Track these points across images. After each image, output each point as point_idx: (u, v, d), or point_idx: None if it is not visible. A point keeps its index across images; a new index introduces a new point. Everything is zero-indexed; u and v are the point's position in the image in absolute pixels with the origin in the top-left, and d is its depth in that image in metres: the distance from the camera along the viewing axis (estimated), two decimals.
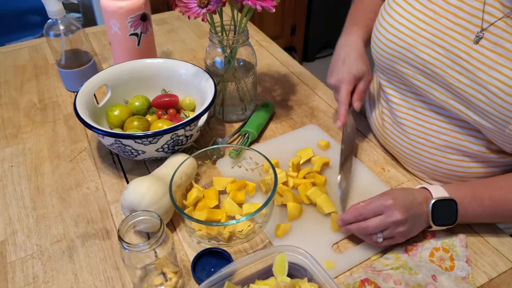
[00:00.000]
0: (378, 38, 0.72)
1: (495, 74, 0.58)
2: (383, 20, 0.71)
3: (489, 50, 0.59)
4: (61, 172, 0.79)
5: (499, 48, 0.58)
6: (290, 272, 0.56)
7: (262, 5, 0.69)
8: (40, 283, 0.61)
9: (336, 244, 0.65)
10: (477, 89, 0.61)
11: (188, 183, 0.71)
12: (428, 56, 0.65)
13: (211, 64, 0.85)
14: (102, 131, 0.69)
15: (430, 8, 0.65)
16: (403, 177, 0.77)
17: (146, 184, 0.64)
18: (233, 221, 0.60)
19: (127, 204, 0.64)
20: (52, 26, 0.90)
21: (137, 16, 0.90)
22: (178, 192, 0.67)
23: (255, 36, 1.22)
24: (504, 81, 0.57)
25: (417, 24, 0.66)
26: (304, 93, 0.99)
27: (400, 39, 0.68)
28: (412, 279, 0.60)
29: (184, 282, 0.61)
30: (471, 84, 0.61)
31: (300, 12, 2.56)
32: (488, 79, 0.59)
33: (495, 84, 0.58)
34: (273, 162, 0.76)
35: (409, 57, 0.68)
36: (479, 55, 0.60)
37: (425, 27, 0.65)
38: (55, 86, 1.02)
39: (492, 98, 0.59)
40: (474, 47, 0.60)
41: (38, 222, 0.70)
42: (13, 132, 0.88)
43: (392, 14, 0.69)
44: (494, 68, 0.58)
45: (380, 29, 0.71)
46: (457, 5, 0.62)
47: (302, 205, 0.71)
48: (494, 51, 0.58)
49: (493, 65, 0.58)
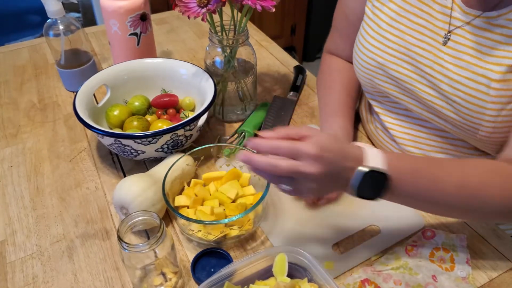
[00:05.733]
0: (355, 59, 0.75)
1: (458, 86, 0.61)
2: (358, 42, 0.74)
3: (456, 50, 0.62)
4: (61, 172, 0.79)
5: (462, 54, 0.61)
6: (290, 273, 0.56)
7: (262, 5, 0.69)
8: (39, 283, 0.61)
9: (336, 244, 0.65)
10: (444, 100, 0.63)
11: (185, 182, 0.71)
12: (398, 73, 0.68)
13: (211, 64, 0.85)
14: (101, 131, 0.69)
15: (395, 27, 0.68)
16: None
17: (139, 184, 0.65)
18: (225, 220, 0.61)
19: (117, 202, 0.65)
20: (52, 26, 0.90)
21: (137, 16, 0.90)
22: (174, 191, 0.68)
23: (255, 36, 1.22)
24: (466, 91, 0.60)
25: (385, 43, 0.69)
26: (304, 93, 0.99)
27: (372, 59, 0.71)
28: (412, 279, 0.60)
29: (184, 282, 0.61)
30: (438, 96, 0.64)
31: (300, 12, 2.56)
32: (452, 91, 0.62)
33: (459, 96, 0.61)
34: None
35: (383, 74, 0.71)
36: (444, 62, 0.62)
37: (392, 45, 0.68)
38: (55, 86, 1.02)
39: (458, 108, 0.62)
40: (443, 49, 0.63)
41: (38, 222, 0.70)
42: (12, 132, 0.88)
43: (364, 35, 0.72)
44: (457, 81, 0.61)
45: (356, 50, 0.75)
46: (423, 17, 0.65)
47: (304, 205, 0.71)
48: (459, 52, 0.61)
49: (456, 70, 0.61)
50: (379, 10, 0.69)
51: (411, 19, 0.66)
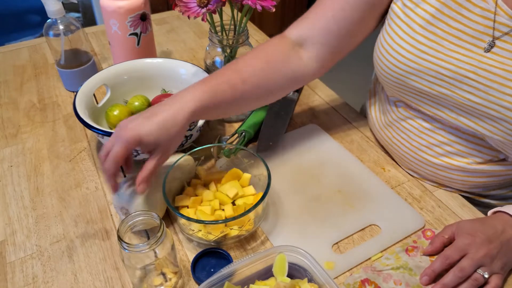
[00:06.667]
0: (381, 61, 0.68)
1: (506, 90, 0.58)
2: (385, 43, 0.67)
3: (503, 57, 0.58)
4: (61, 172, 0.79)
5: (510, 60, 0.58)
6: (290, 273, 0.56)
7: (262, 4, 0.69)
8: (39, 283, 0.61)
9: (336, 244, 0.65)
10: (489, 106, 0.60)
11: (185, 182, 0.71)
12: (433, 78, 0.63)
13: (211, 64, 0.85)
14: (101, 131, 0.69)
15: (431, 31, 0.62)
16: (403, 177, 0.77)
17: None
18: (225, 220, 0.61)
19: (117, 203, 0.65)
20: (52, 26, 0.90)
21: (137, 16, 0.90)
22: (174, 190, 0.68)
23: (255, 36, 1.22)
24: None
25: (419, 47, 0.63)
26: (304, 93, 0.99)
27: (403, 64, 0.65)
28: (412, 279, 0.60)
29: (184, 282, 0.61)
30: (483, 102, 0.60)
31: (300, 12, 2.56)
32: (500, 95, 0.58)
33: (507, 100, 0.58)
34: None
35: (415, 80, 0.65)
36: (490, 67, 0.59)
37: (427, 50, 0.62)
38: (55, 86, 1.02)
39: (504, 112, 0.59)
40: (487, 55, 0.59)
41: (38, 222, 0.70)
42: (12, 132, 0.88)
43: (393, 37, 0.66)
44: (505, 85, 0.58)
45: (383, 52, 0.68)
46: (461, 21, 0.60)
47: (304, 204, 0.70)
48: (507, 58, 0.58)
49: (506, 75, 0.58)
50: (412, 11, 0.63)
51: (448, 23, 0.61)
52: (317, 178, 0.76)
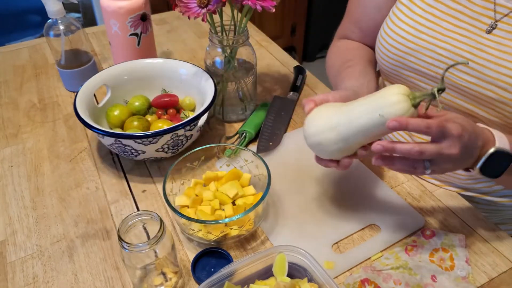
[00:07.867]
0: (381, 44, 0.72)
1: (503, 70, 0.59)
2: (386, 27, 0.71)
3: (503, 37, 0.59)
4: (61, 172, 0.79)
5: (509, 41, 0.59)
6: (290, 272, 0.56)
7: (262, 5, 0.69)
8: (40, 283, 0.61)
9: (336, 244, 0.65)
10: (485, 87, 0.61)
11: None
12: (430, 58, 0.66)
13: (211, 64, 0.85)
14: (102, 131, 0.69)
15: (430, 12, 0.65)
16: (403, 177, 0.77)
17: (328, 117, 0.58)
18: (226, 219, 0.61)
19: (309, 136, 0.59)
20: (52, 26, 0.90)
21: (137, 16, 0.90)
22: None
23: (255, 36, 1.22)
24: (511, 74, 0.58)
25: (417, 28, 0.66)
26: (304, 93, 0.99)
27: (402, 44, 0.68)
28: (412, 279, 0.60)
29: (184, 282, 0.61)
30: (478, 82, 0.62)
31: (300, 12, 2.56)
32: (496, 76, 0.60)
33: (504, 80, 0.59)
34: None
35: (412, 61, 0.68)
36: (487, 48, 0.60)
37: (426, 31, 0.66)
38: (55, 86, 1.02)
39: (501, 93, 0.60)
40: (487, 36, 0.60)
41: (38, 222, 0.70)
42: (13, 132, 0.88)
43: (394, 20, 0.70)
44: (502, 65, 0.59)
45: (383, 34, 0.72)
46: (461, 2, 0.62)
47: (304, 204, 0.71)
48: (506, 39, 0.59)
49: (502, 55, 0.59)
50: None
51: (448, 4, 0.63)
52: (317, 178, 0.76)
